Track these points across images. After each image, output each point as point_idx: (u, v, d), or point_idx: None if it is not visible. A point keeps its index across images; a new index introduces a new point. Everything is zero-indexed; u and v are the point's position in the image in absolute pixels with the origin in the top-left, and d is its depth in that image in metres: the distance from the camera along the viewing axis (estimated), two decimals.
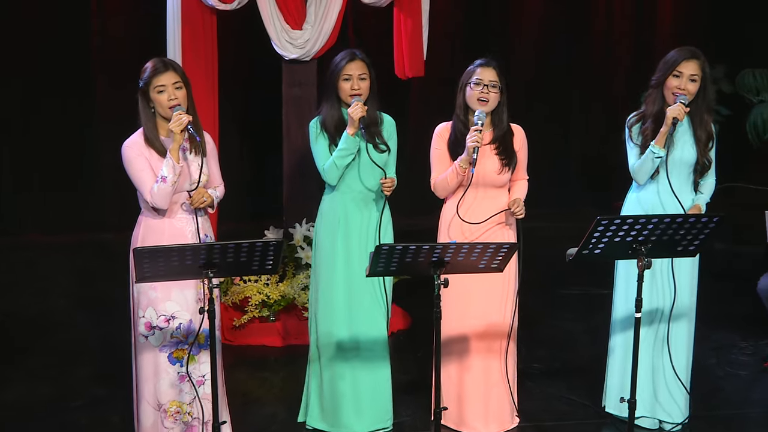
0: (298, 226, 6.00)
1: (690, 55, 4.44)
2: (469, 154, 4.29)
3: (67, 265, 7.40)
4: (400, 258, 3.68)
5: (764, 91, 7.78)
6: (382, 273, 3.79)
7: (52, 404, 5.01)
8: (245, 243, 3.63)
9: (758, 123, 7.54)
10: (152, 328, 4.19)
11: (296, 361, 5.60)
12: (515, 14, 8.93)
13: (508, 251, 3.73)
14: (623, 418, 4.75)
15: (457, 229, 4.50)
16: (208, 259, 3.63)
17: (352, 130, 4.32)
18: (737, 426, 4.83)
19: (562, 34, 8.98)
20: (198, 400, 4.25)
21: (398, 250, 3.63)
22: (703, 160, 4.57)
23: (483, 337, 4.60)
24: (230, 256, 3.66)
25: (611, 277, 6.57)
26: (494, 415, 4.68)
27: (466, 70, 4.53)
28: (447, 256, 3.69)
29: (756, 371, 5.51)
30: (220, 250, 3.62)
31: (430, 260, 3.70)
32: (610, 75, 9.18)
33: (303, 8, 5.81)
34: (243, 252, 3.67)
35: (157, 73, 4.05)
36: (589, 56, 9.13)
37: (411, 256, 3.68)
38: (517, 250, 3.89)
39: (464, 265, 3.79)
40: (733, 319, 6.09)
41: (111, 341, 5.85)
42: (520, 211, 4.44)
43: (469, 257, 3.74)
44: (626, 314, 4.71)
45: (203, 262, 3.63)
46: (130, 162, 4.14)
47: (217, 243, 3.61)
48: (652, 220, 3.73)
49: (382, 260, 3.68)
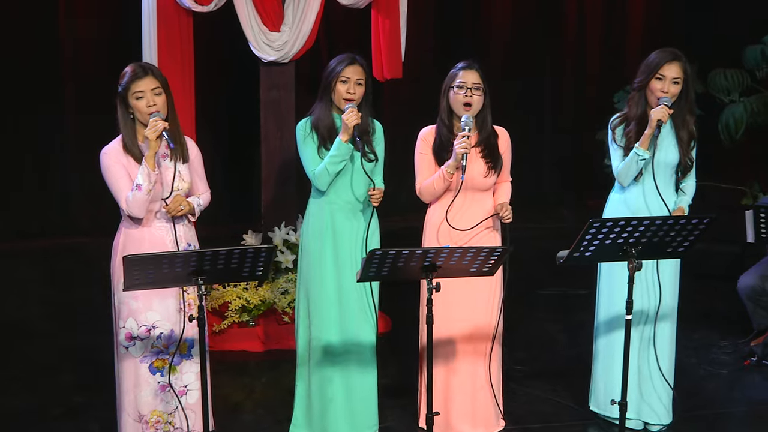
0: (277, 229, 5.94)
1: (672, 57, 4.47)
2: (457, 160, 4.27)
3: (40, 271, 7.29)
4: (392, 263, 3.65)
5: (734, 91, 7.84)
6: (373, 278, 3.77)
7: (31, 414, 4.91)
8: (237, 249, 3.59)
9: (730, 123, 7.60)
10: (133, 339, 4.13)
11: (278, 366, 5.57)
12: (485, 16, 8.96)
13: (501, 255, 3.72)
14: (609, 419, 4.79)
15: (445, 234, 4.47)
16: (199, 266, 3.58)
17: (346, 137, 4.25)
18: (721, 425, 4.86)
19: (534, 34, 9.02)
20: (181, 410, 4.19)
21: (391, 255, 3.60)
22: (685, 160, 4.60)
23: (469, 340, 4.58)
24: (221, 263, 3.61)
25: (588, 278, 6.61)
26: (480, 418, 4.66)
27: (448, 74, 4.48)
28: (439, 261, 3.67)
29: (736, 370, 5.54)
30: (211, 257, 3.56)
31: (422, 265, 3.69)
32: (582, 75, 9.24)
33: (280, 10, 5.76)
34: (234, 258, 3.61)
35: (136, 79, 3.98)
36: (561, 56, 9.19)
37: (403, 261, 3.66)
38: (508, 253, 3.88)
39: (456, 270, 3.77)
40: (710, 319, 6.15)
41: (89, 348, 5.75)
42: (508, 215, 4.43)
43: (461, 261, 3.72)
44: (610, 316, 4.74)
45: (193, 269, 3.58)
46: (107, 169, 4.08)
47: (208, 250, 3.54)
48: (644, 222, 3.74)
49: (374, 265, 3.65)
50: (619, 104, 8.47)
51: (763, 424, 4.89)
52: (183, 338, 4.14)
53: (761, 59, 7.72)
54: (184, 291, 4.15)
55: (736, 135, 7.63)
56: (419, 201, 4.62)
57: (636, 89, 4.58)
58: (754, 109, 7.73)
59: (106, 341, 5.73)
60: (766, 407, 5.05)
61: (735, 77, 7.83)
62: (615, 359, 4.71)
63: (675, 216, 4.00)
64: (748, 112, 7.69)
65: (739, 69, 7.82)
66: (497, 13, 8.96)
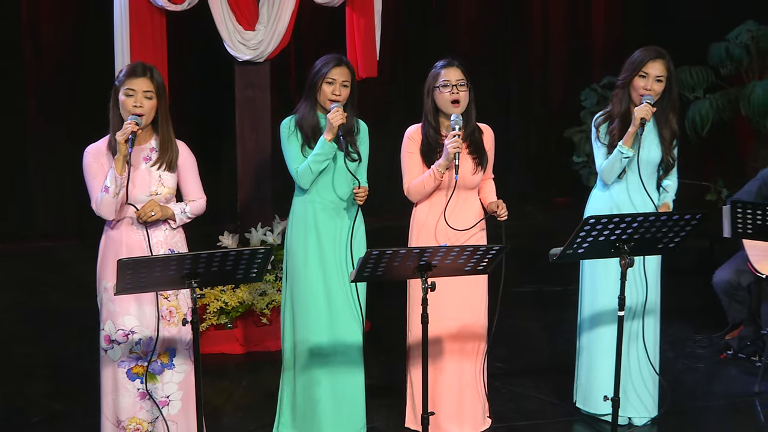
0: (254, 230, 5.89)
1: (656, 55, 4.50)
2: (449, 160, 4.24)
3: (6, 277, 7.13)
4: (388, 263, 3.62)
5: (699, 87, 7.97)
6: (367, 278, 3.72)
7: (10, 420, 4.81)
8: (232, 251, 3.54)
9: (696, 119, 7.71)
10: (111, 342, 4.06)
11: (258, 368, 5.53)
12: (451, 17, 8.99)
13: (497, 253, 3.71)
14: (593, 415, 4.82)
15: (443, 233, 4.44)
16: (193, 269, 3.51)
17: (330, 136, 4.22)
18: (703, 418, 4.91)
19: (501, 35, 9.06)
20: (163, 421, 4.11)
21: (388, 255, 3.57)
22: (667, 158, 4.64)
23: (457, 339, 4.56)
24: (215, 266, 3.55)
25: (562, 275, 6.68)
26: (468, 416, 4.64)
27: (430, 74, 4.45)
28: (435, 260, 3.66)
29: (713, 363, 5.62)
30: (206, 260, 3.50)
31: (417, 264, 3.67)
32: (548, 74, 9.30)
33: (255, 9, 5.70)
34: (229, 261, 3.55)
35: (132, 76, 3.90)
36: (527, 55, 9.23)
37: (399, 260, 3.63)
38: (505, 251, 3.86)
39: (451, 269, 3.75)
40: (684, 313, 6.19)
41: (64, 354, 5.67)
42: (504, 213, 4.42)
43: (457, 260, 3.70)
44: (594, 312, 4.75)
45: (187, 271, 3.52)
46: (85, 168, 4.02)
47: (203, 252, 3.48)
48: (638, 219, 3.75)
49: (370, 266, 3.62)
50: (586, 102, 8.58)
51: (743, 416, 4.94)
52: (165, 347, 4.09)
53: (725, 56, 7.86)
54: (165, 298, 4.08)
55: (702, 131, 7.74)
56: (391, 200, 4.59)
57: (620, 86, 4.60)
58: (719, 106, 7.88)
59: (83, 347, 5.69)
60: (744, 400, 5.10)
61: (700, 74, 7.96)
62: (599, 355, 4.73)
63: (668, 212, 4.02)
64: (714, 108, 7.82)
65: (703, 66, 7.94)
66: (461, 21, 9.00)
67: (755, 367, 5.45)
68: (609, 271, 4.65)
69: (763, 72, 7.82)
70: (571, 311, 6.26)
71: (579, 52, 9.27)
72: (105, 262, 4.05)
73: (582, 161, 8.54)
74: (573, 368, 4.98)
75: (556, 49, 9.26)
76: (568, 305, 6.53)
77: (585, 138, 8.51)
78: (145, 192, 3.99)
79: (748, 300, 5.69)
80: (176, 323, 4.12)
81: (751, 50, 7.82)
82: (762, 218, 5.04)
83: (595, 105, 8.54)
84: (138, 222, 3.99)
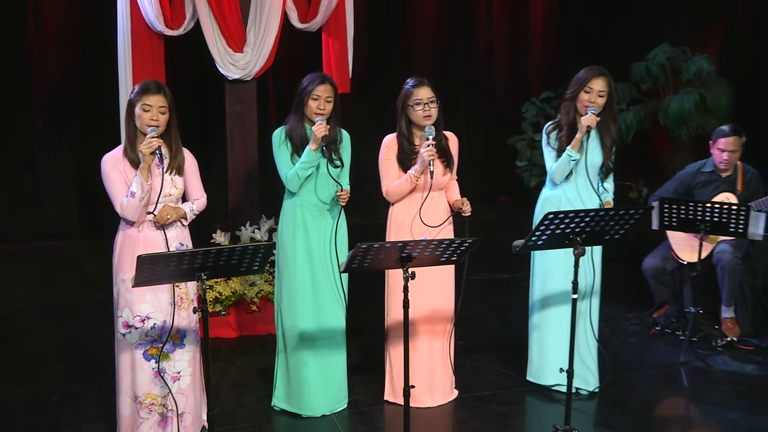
0: (244, 229, 5.83)
1: (599, 73, 4.53)
2: (424, 166, 4.26)
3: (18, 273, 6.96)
4: (374, 255, 3.60)
5: (623, 101, 8.03)
6: (355, 269, 3.68)
7: (31, 401, 4.69)
8: (238, 247, 3.47)
9: (622, 128, 7.76)
10: (129, 327, 4.00)
11: (249, 350, 5.49)
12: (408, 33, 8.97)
13: (470, 245, 3.71)
14: (545, 386, 4.84)
15: (417, 229, 4.45)
16: (203, 263, 3.46)
17: (315, 146, 4.20)
18: (639, 386, 4.94)
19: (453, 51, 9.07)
20: (171, 395, 4.07)
21: (375, 248, 3.55)
22: (607, 163, 4.68)
23: (428, 321, 4.57)
24: (223, 260, 3.50)
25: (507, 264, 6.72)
26: (438, 388, 4.66)
27: (402, 92, 4.43)
28: (415, 252, 3.64)
29: (644, 338, 5.68)
30: (215, 255, 3.45)
31: (399, 256, 3.65)
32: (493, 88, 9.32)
33: (243, 32, 5.64)
34: (235, 255, 3.51)
35: (148, 93, 3.85)
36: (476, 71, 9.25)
37: (384, 253, 3.61)
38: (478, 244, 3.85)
39: (428, 259, 3.73)
40: (616, 296, 6.21)
41: (76, 341, 5.55)
42: (468, 209, 4.43)
43: (434, 252, 3.69)
44: (544, 296, 4.78)
45: (198, 265, 3.46)
46: (106, 176, 3.93)
47: (213, 248, 3.43)
48: (590, 214, 3.77)
49: (359, 258, 3.59)
50: (527, 113, 8.61)
51: (670, 382, 5.01)
52: (176, 329, 4.05)
53: (645, 74, 7.94)
54: (176, 286, 4.05)
55: (627, 138, 7.81)
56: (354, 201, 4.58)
57: (567, 100, 4.63)
58: (641, 117, 7.95)
59: (93, 335, 5.58)
60: (672, 369, 5.17)
61: (624, 90, 8.02)
62: (550, 334, 4.77)
63: (615, 208, 4.05)
64: (636, 119, 7.90)
65: (627, 83, 8.02)
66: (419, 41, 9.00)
67: (680, 340, 5.53)
68: (557, 260, 4.68)
69: (676, 87, 7.91)
70: (519, 296, 6.33)
71: (519, 68, 9.31)
72: (122, 257, 3.98)
73: (523, 165, 8.57)
74: (525, 345, 5.00)
75: (499, 67, 9.29)
76: (515, 290, 6.60)
77: (526, 145, 8.55)
78: (158, 192, 3.93)
79: (672, 283, 5.79)
80: (186, 308, 4.09)
81: (666, 69, 7.90)
82: (685, 213, 5.13)
83: (534, 116, 8.58)
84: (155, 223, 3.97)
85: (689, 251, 5.56)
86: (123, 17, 5.49)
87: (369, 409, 4.60)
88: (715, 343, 5.48)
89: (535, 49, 9.27)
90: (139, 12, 5.49)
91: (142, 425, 4.08)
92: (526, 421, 4.54)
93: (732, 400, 4.72)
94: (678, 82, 7.89)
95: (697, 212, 5.08)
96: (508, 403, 4.67)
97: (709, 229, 5.09)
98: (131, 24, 5.48)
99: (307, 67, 6.16)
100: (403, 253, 3.63)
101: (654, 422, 4.52)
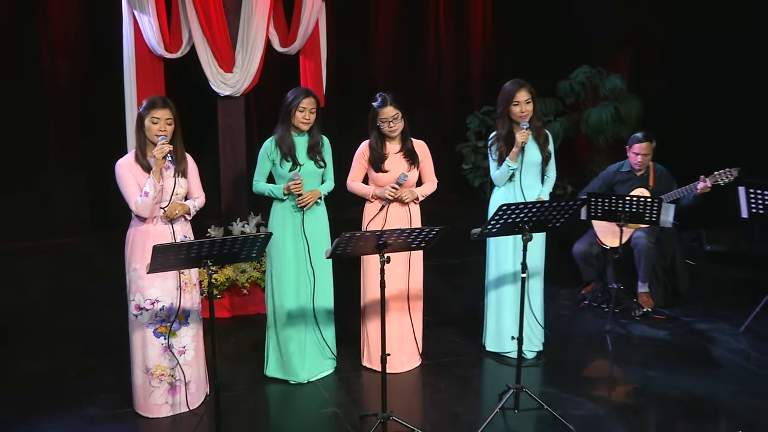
0: (235, 224, 5.75)
1: (520, 85, 4.52)
2: (383, 198, 4.37)
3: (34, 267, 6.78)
4: (356, 243, 3.58)
5: (550, 113, 8.13)
6: (339, 255, 3.66)
7: (53, 376, 4.59)
8: (240, 238, 3.43)
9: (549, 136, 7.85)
10: (140, 309, 3.95)
11: (241, 328, 5.40)
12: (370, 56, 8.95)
13: (437, 233, 3.71)
14: (498, 352, 4.85)
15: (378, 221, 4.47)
16: (209, 252, 3.41)
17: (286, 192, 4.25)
18: (573, 350, 4.99)
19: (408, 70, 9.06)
20: (179, 366, 4.03)
21: (357, 236, 3.53)
22: (544, 154, 4.68)
23: (396, 299, 4.57)
24: (226, 248, 3.45)
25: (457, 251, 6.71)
26: (407, 356, 4.67)
27: (371, 111, 4.41)
28: (391, 240, 3.63)
29: (575, 311, 5.72)
30: (220, 244, 3.40)
31: (377, 243, 3.63)
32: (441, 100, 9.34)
33: (233, 55, 5.57)
34: (237, 245, 3.47)
35: (155, 107, 3.79)
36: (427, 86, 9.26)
37: (364, 241, 3.59)
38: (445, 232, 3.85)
39: (402, 245, 3.73)
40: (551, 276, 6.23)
41: (90, 324, 5.42)
42: (406, 196, 4.43)
43: (406, 240, 3.69)
44: (497, 276, 4.79)
45: (205, 253, 3.41)
46: (121, 178, 3.85)
47: (218, 238, 3.38)
48: (537, 206, 3.81)
49: (342, 245, 3.57)
50: (471, 124, 8.66)
51: (598, 347, 5.04)
52: (182, 310, 4.01)
53: (569, 90, 8.05)
54: (181, 273, 3.98)
55: (554, 145, 7.87)
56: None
57: (500, 114, 4.61)
58: (565, 126, 8.06)
59: (105, 318, 5.46)
60: (599, 335, 5.22)
61: (551, 104, 8.13)
62: (503, 308, 4.79)
63: (557, 201, 4.08)
64: (562, 128, 8.00)
65: (553, 97, 8.12)
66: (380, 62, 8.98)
67: (604, 312, 5.60)
68: (508, 246, 4.71)
69: (595, 101, 8.04)
70: (470, 277, 6.39)
71: (463, 84, 9.34)
72: (134, 248, 3.91)
73: (468, 168, 8.62)
74: (478, 318, 5.03)
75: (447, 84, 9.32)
76: (466, 273, 6.63)
77: (470, 151, 8.60)
78: (169, 192, 3.89)
79: (597, 264, 5.84)
80: (190, 291, 4.02)
81: (586, 86, 8.03)
82: (608, 205, 5.20)
83: (477, 126, 8.63)
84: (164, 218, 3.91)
85: (611, 237, 5.63)
86: (128, 42, 5.39)
87: (348, 375, 4.59)
88: (634, 314, 5.57)
89: (475, 69, 9.32)
90: (142, 38, 5.38)
91: (153, 393, 4.03)
92: (483, 382, 4.57)
93: (649, 360, 4.80)
94: (596, 97, 8.03)
95: (618, 205, 5.15)
96: (466, 368, 4.70)
97: (628, 219, 5.17)
98: (135, 48, 5.38)
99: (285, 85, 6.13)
100: (380, 241, 3.62)
101: (586, 379, 4.58)
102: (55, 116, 7.55)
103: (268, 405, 4.27)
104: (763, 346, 5.00)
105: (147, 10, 5.29)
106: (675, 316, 5.55)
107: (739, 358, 4.81)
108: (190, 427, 3.94)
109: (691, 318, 5.51)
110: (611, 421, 4.01)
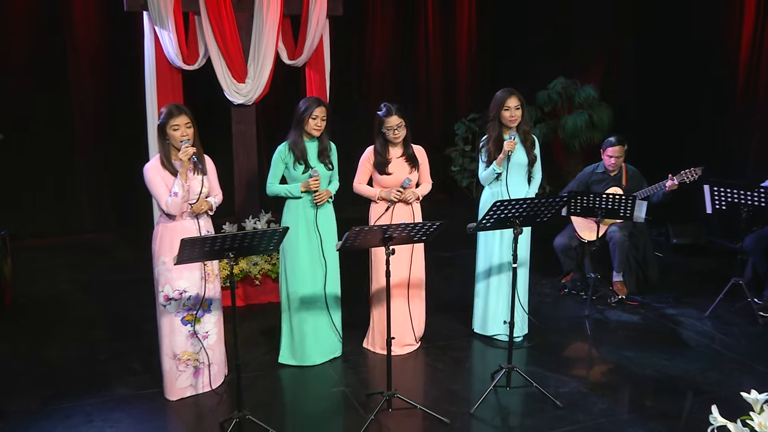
0: (248, 221, 5.74)
1: (510, 93, 4.54)
2: (388, 199, 4.39)
3: (63, 261, 6.74)
4: (364, 236, 3.60)
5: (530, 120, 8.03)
6: (348, 248, 3.68)
7: (85, 359, 4.58)
8: (259, 232, 3.44)
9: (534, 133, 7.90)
10: (169, 299, 3.94)
11: (254, 316, 5.39)
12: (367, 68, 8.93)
13: (438, 227, 3.72)
14: (487, 336, 4.88)
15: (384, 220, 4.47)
16: (231, 245, 3.41)
17: (304, 189, 4.25)
18: (555, 333, 5.02)
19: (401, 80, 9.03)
20: (204, 350, 4.04)
21: (365, 230, 3.55)
22: (530, 157, 4.71)
23: (403, 287, 4.58)
24: (247, 241, 3.46)
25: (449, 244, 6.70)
26: (407, 340, 4.68)
27: (377, 119, 4.42)
28: (396, 233, 3.65)
29: (556, 298, 5.75)
30: (242, 237, 3.40)
31: (383, 236, 3.65)
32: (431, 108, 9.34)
33: (245, 67, 5.56)
34: (256, 238, 3.47)
35: (173, 116, 3.77)
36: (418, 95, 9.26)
37: (371, 235, 3.61)
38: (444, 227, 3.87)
39: (405, 239, 3.75)
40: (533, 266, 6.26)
41: (117, 311, 5.40)
42: (410, 197, 4.46)
43: (409, 233, 3.71)
44: (486, 267, 4.82)
45: (228, 246, 3.41)
46: (150, 181, 3.83)
47: (240, 232, 3.39)
48: (526, 202, 3.83)
49: (352, 238, 3.58)
50: (458, 130, 8.66)
51: (577, 331, 5.08)
52: (205, 298, 4.00)
53: (547, 99, 8.08)
54: (204, 265, 3.97)
55: None
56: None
57: (491, 120, 4.63)
58: (544, 132, 8.09)
59: (129, 306, 5.44)
60: (578, 320, 5.25)
61: (531, 112, 8.14)
62: (491, 295, 4.81)
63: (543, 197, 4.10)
64: (541, 134, 8.02)
65: (533, 106, 8.15)
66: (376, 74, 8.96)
67: (583, 299, 5.63)
68: (496, 240, 4.73)
69: (570, 110, 8.07)
70: (458, 269, 6.41)
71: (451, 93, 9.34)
72: (162, 243, 3.90)
73: (456, 170, 8.63)
74: (468, 305, 5.04)
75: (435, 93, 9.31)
76: (454, 265, 6.63)
77: (458, 154, 8.61)
78: (195, 190, 3.89)
79: (576, 256, 5.88)
80: (212, 281, 4.02)
81: (562, 96, 8.06)
82: (586, 203, 5.24)
83: (464, 132, 8.64)
84: (191, 214, 3.90)
85: (588, 232, 5.67)
86: (149, 55, 5.37)
87: (355, 358, 4.60)
88: (610, 301, 5.61)
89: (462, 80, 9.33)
90: (162, 51, 5.36)
91: (180, 377, 4.03)
92: (477, 362, 4.59)
93: (625, 342, 4.84)
94: (571, 106, 8.06)
95: (595, 202, 5.19)
96: (461, 350, 4.72)
97: (604, 215, 5.20)
98: (155, 60, 5.35)
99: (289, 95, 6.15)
100: (386, 234, 3.63)
101: (568, 360, 4.61)
102: (82, 123, 7.50)
103: (281, 384, 4.29)
104: (726, 329, 5.05)
105: (167, 26, 5.27)
106: (647, 302, 5.59)
107: (706, 340, 4.86)
108: (213, 404, 3.94)
109: (662, 304, 5.56)
110: (594, 398, 4.04)
